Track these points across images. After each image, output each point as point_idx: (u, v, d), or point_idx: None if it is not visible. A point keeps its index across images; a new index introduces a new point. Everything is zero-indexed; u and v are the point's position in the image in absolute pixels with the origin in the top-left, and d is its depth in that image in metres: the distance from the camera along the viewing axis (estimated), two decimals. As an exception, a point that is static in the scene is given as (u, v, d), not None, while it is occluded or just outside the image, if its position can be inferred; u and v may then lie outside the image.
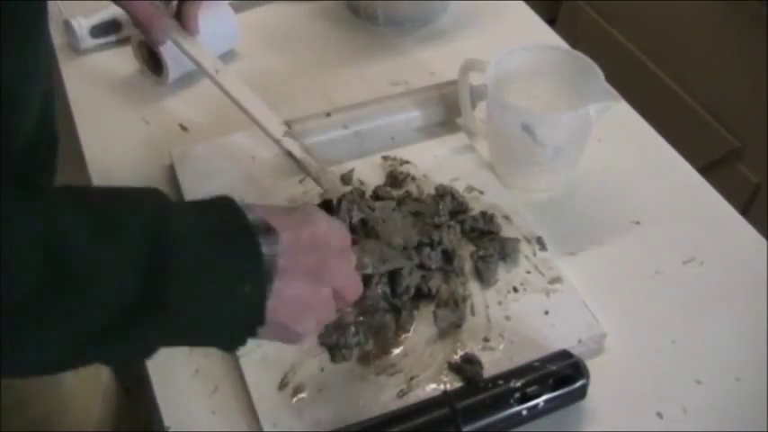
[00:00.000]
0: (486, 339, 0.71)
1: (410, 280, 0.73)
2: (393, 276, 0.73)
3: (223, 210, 0.51)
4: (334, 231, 0.57)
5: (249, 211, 0.52)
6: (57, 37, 1.07)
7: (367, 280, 0.72)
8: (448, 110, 0.92)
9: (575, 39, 1.12)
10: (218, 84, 0.80)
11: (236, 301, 0.50)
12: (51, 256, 0.42)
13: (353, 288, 0.59)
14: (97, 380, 0.89)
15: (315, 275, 0.54)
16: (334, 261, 0.55)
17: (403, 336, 0.72)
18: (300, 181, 0.86)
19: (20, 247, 0.41)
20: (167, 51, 0.92)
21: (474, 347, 0.70)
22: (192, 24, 0.82)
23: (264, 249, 0.50)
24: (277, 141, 0.75)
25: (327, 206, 0.79)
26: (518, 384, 0.65)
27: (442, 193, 0.82)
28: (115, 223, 0.46)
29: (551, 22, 1.26)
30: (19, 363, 0.45)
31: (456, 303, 0.73)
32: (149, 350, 0.50)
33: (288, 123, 0.86)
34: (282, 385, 0.68)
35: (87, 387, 0.86)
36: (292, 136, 0.74)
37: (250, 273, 0.50)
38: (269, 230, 0.51)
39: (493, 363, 0.69)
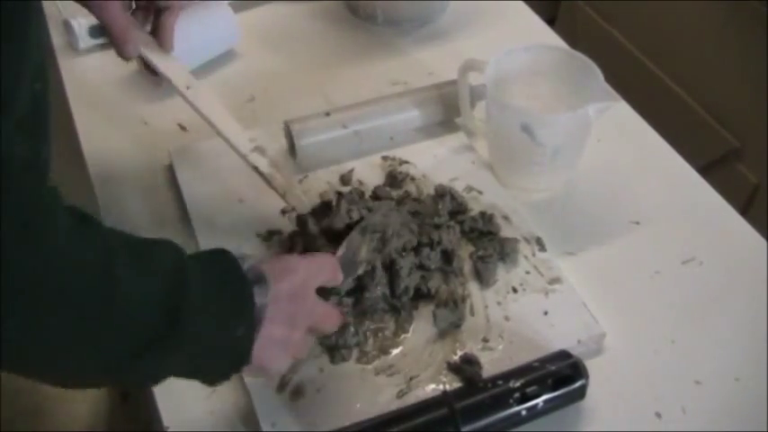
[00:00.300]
0: (485, 340, 0.71)
1: (409, 280, 0.73)
2: (392, 277, 0.73)
3: (223, 260, 0.57)
4: (315, 272, 0.63)
5: (243, 261, 0.57)
6: (56, 37, 1.07)
7: (367, 281, 0.72)
8: (447, 110, 0.92)
9: (574, 39, 1.12)
10: (187, 100, 0.79)
11: (230, 342, 0.55)
12: (101, 283, 0.47)
13: (330, 321, 0.64)
14: None
15: (292, 319, 0.59)
16: (311, 309, 0.61)
17: (402, 336, 0.72)
18: (300, 181, 0.86)
19: (78, 276, 0.46)
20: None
21: (473, 348, 0.70)
22: (167, 38, 0.78)
23: (256, 298, 0.56)
24: (243, 156, 0.76)
25: (327, 206, 0.79)
26: (517, 384, 0.65)
27: (442, 193, 0.82)
28: (151, 257, 0.51)
29: (550, 22, 1.26)
30: (43, 371, 0.50)
31: (455, 304, 0.73)
32: (154, 379, 0.55)
33: (288, 124, 0.87)
34: (282, 385, 0.68)
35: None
36: (261, 152, 0.76)
37: (244, 317, 0.56)
38: (260, 279, 0.57)
39: (492, 363, 0.69)
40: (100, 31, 0.98)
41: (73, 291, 0.46)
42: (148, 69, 0.80)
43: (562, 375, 0.66)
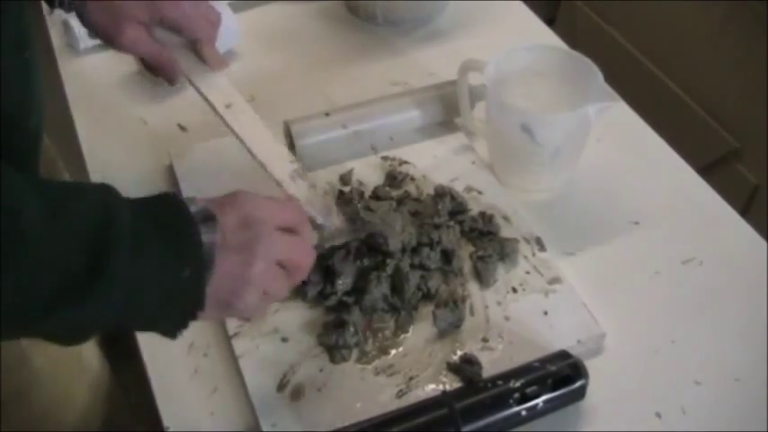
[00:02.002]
0: (485, 340, 0.71)
1: (411, 282, 0.73)
2: (398, 280, 0.73)
3: (165, 202, 0.54)
4: (274, 211, 0.59)
5: (192, 202, 0.55)
6: (56, 37, 1.07)
7: (367, 280, 0.72)
8: (447, 110, 0.92)
9: (573, 39, 1.12)
10: (224, 120, 0.75)
11: (176, 285, 0.53)
12: (5, 226, 0.46)
13: (301, 259, 0.61)
14: (78, 364, 0.88)
15: (247, 251, 0.56)
16: (268, 237, 0.58)
17: (402, 336, 0.72)
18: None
19: None
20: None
21: (473, 348, 0.70)
22: (218, 64, 0.76)
23: (205, 237, 0.54)
24: (278, 183, 0.72)
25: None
26: (517, 385, 0.65)
27: (442, 193, 0.82)
28: (66, 206, 0.49)
29: (550, 22, 1.26)
30: None
31: (455, 304, 0.73)
32: (82, 329, 0.53)
33: (288, 124, 0.87)
34: (282, 385, 0.68)
35: (63, 369, 0.84)
36: (299, 175, 0.73)
37: (190, 258, 0.53)
38: (210, 218, 0.55)
39: (492, 363, 0.69)
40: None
41: None
42: (149, 69, 0.79)
43: (562, 375, 0.66)
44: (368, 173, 0.87)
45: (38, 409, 0.82)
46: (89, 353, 0.91)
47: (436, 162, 0.88)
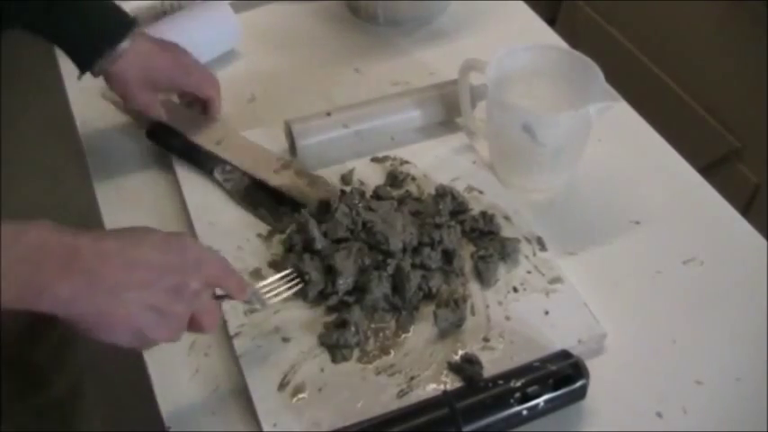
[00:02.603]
0: (486, 339, 0.71)
1: (413, 282, 0.73)
2: (397, 278, 0.73)
3: None
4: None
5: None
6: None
7: (368, 279, 0.72)
8: (448, 110, 0.92)
9: (574, 39, 1.12)
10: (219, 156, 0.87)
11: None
12: None
13: (211, 319, 0.63)
14: None
15: (176, 293, 0.58)
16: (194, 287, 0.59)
17: (403, 336, 0.72)
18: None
19: None
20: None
21: (474, 347, 0.70)
22: (216, 110, 0.90)
23: None
24: (267, 183, 0.77)
25: (326, 206, 0.79)
26: (518, 384, 0.65)
27: (442, 193, 0.82)
28: None
29: (551, 22, 1.26)
30: None
31: (456, 303, 0.73)
32: None
33: (289, 124, 0.87)
34: (282, 385, 0.68)
35: None
36: (285, 167, 0.77)
37: None
38: None
39: (493, 363, 0.69)
40: None
41: None
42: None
43: (563, 375, 0.66)
44: (369, 172, 0.87)
45: None
46: None
47: (437, 162, 0.88)
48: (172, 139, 0.88)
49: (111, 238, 0.57)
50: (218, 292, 0.64)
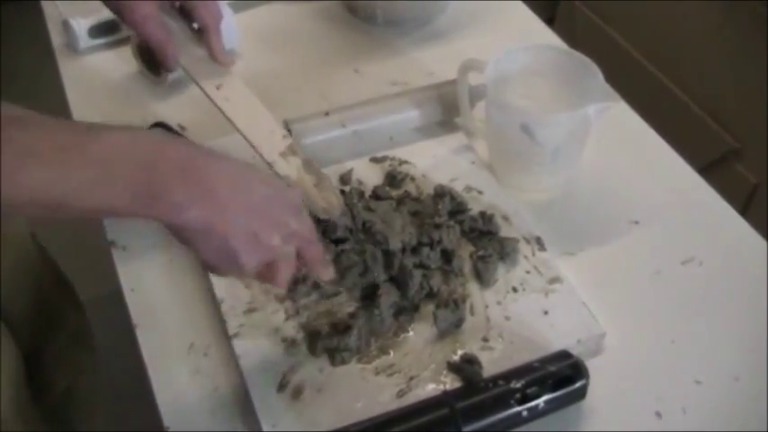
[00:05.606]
0: (485, 339, 0.71)
1: (414, 279, 0.73)
2: (399, 277, 0.73)
3: None
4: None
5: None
6: (56, 37, 1.07)
7: (374, 288, 0.73)
8: (447, 110, 0.92)
9: (573, 39, 1.11)
10: (214, 103, 0.77)
11: None
12: None
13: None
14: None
15: (276, 226, 0.60)
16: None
17: (402, 336, 0.72)
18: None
19: None
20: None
21: (473, 347, 0.70)
22: (219, 53, 0.80)
23: None
24: (269, 165, 0.74)
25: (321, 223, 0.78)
26: (518, 385, 0.65)
27: (441, 193, 0.82)
28: None
29: (549, 21, 1.26)
30: None
31: (455, 303, 0.73)
32: None
33: (287, 123, 0.87)
34: (282, 385, 0.68)
35: None
36: (291, 152, 0.74)
37: None
38: None
39: (492, 363, 0.69)
40: (99, 31, 0.99)
41: None
42: (150, 69, 0.80)
43: (563, 375, 0.66)
44: (367, 172, 0.87)
45: None
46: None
47: (436, 162, 0.88)
48: None
49: (224, 158, 0.59)
50: None
